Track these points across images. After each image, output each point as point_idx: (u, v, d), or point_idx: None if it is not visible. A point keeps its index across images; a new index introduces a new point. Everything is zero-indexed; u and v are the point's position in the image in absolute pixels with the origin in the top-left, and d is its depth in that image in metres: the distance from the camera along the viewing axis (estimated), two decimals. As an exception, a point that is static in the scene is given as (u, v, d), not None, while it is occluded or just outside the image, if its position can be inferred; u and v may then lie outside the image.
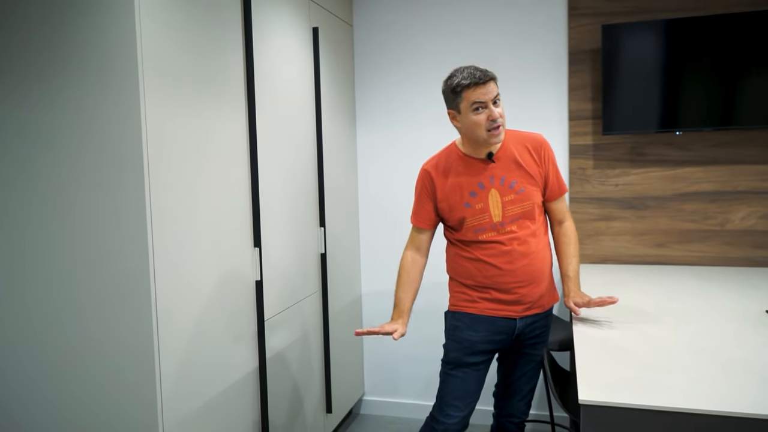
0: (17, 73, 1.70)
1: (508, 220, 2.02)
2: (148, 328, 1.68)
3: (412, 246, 2.19)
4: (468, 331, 2.09)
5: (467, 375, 2.10)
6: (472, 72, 1.92)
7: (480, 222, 2.03)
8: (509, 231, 2.02)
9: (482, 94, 1.91)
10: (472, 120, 1.94)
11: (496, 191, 2.02)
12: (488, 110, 1.92)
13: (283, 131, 2.46)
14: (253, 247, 2.22)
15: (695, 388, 1.45)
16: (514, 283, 2.03)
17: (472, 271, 2.07)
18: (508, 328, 2.07)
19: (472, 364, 2.09)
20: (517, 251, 2.01)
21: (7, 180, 1.74)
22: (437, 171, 2.09)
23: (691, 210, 2.94)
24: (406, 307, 2.14)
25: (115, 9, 1.61)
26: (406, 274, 2.17)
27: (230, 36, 2.07)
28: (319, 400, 2.84)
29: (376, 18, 3.28)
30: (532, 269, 2.03)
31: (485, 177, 2.03)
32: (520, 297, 2.04)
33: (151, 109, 1.67)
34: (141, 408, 1.71)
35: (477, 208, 2.02)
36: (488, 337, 2.08)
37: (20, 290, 1.76)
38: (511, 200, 2.02)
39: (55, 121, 1.69)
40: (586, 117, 3.03)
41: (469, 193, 2.03)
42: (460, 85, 1.93)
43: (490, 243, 2.02)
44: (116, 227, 1.67)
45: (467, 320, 2.09)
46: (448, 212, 2.08)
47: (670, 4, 2.87)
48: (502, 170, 2.03)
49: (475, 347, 2.08)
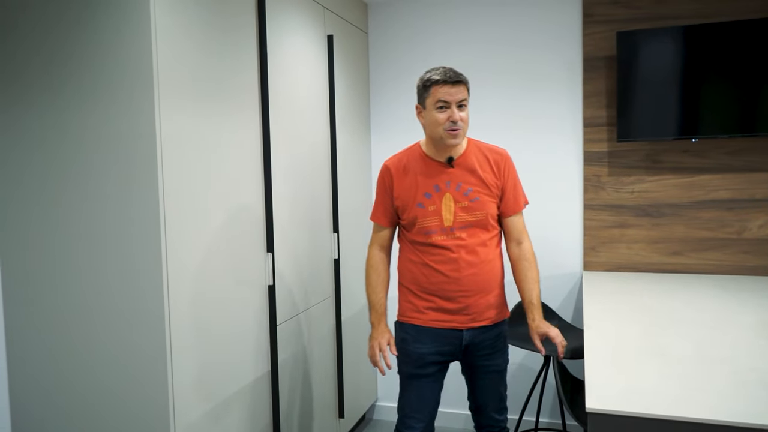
0: (31, 77, 1.75)
1: (458, 226, 2.01)
2: (160, 333, 1.71)
3: (376, 244, 2.19)
4: (415, 344, 2.08)
5: (422, 386, 2.09)
6: (446, 71, 1.94)
7: (430, 224, 2.02)
8: (458, 237, 2.01)
9: (448, 94, 1.93)
10: (433, 117, 1.96)
11: (451, 196, 2.02)
12: (450, 111, 1.93)
13: (297, 137, 2.49)
14: (266, 252, 2.25)
15: (706, 398, 1.44)
16: (458, 292, 2.01)
17: (418, 276, 2.06)
18: (455, 339, 2.06)
19: (424, 375, 2.09)
20: (464, 259, 2.00)
21: (19, 184, 1.79)
22: (397, 168, 2.09)
23: (708, 218, 2.91)
24: (383, 308, 2.15)
25: (129, 15, 1.65)
26: (377, 274, 2.16)
27: (245, 43, 2.10)
28: (331, 404, 2.85)
29: (391, 26, 3.31)
30: (479, 279, 2.02)
31: (442, 180, 2.03)
32: (465, 307, 2.02)
33: (165, 114, 1.70)
34: (153, 412, 1.73)
35: (429, 209, 2.02)
36: (436, 348, 2.06)
37: (34, 296, 1.81)
38: (464, 207, 2.01)
39: (70, 126, 1.73)
40: (601, 124, 3.01)
41: (423, 193, 2.03)
42: (431, 80, 1.95)
43: (438, 248, 2.01)
44: (130, 232, 1.71)
45: (413, 332, 2.08)
46: (402, 210, 2.08)
47: (685, 11, 2.85)
48: (460, 176, 2.03)
49: (423, 359, 2.07)
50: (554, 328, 2.02)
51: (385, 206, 2.13)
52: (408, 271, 2.10)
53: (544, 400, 3.19)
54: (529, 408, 3.23)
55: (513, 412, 3.26)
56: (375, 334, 2.12)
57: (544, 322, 2.04)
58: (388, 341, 2.11)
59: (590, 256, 3.08)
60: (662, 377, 1.58)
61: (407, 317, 2.11)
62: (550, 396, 3.19)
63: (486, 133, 3.19)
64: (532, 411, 3.23)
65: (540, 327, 2.02)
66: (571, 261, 3.12)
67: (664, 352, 1.78)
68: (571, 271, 3.12)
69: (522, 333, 2.52)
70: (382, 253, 2.19)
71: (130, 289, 1.72)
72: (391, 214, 2.13)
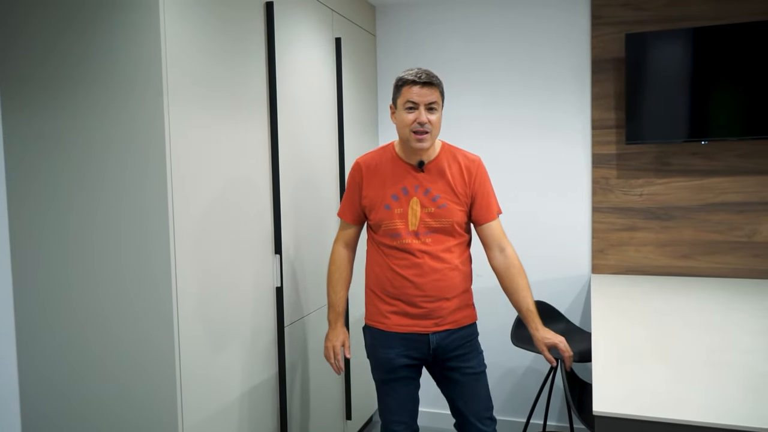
0: (43, 80, 1.77)
1: (423, 231, 1.98)
2: (169, 334, 1.72)
3: (341, 241, 2.17)
4: (383, 349, 2.06)
5: (397, 390, 2.08)
6: (419, 72, 1.92)
7: (396, 227, 2.00)
8: (423, 242, 1.98)
9: (418, 95, 1.91)
10: (402, 117, 1.94)
11: (418, 200, 1.99)
12: (418, 112, 1.91)
13: (305, 140, 2.50)
14: (274, 253, 2.26)
15: (714, 403, 1.43)
16: (421, 297, 1.99)
17: (383, 280, 2.04)
18: (422, 344, 2.03)
19: (397, 379, 2.07)
20: (428, 265, 1.98)
21: (31, 184, 1.81)
22: (368, 167, 2.07)
23: (718, 221, 2.89)
24: (342, 308, 2.15)
25: (140, 20, 1.66)
26: (338, 273, 2.15)
27: (253, 46, 2.12)
28: (339, 406, 2.85)
29: (399, 28, 3.31)
30: (442, 285, 1.99)
31: (411, 184, 2.00)
32: (428, 312, 2.00)
33: (174, 118, 1.72)
34: (161, 413, 1.74)
35: (396, 212, 2.00)
36: (404, 352, 2.04)
37: (44, 297, 1.82)
38: (430, 213, 1.98)
39: (81, 129, 1.74)
40: (610, 126, 3.00)
41: (391, 195, 2.01)
42: (403, 79, 1.94)
43: (402, 252, 2.00)
44: (140, 233, 1.72)
45: (380, 337, 2.07)
46: (369, 210, 2.06)
47: (694, 12, 2.84)
48: (429, 181, 2.00)
49: (392, 363, 2.05)
50: (559, 336, 2.00)
51: (353, 204, 2.11)
52: (373, 274, 2.08)
53: (552, 403, 3.18)
54: (537, 411, 3.22)
55: (520, 415, 3.25)
56: (331, 335, 2.14)
57: (548, 331, 2.01)
58: (343, 343, 2.14)
59: (599, 259, 3.06)
60: (671, 381, 1.57)
61: (373, 321, 2.09)
62: (558, 399, 3.17)
63: (493, 136, 3.19)
64: (540, 414, 3.22)
65: (546, 337, 1.99)
66: (579, 264, 3.11)
67: (673, 355, 1.77)
68: (579, 273, 3.11)
69: (528, 336, 2.51)
70: (346, 250, 2.17)
71: (139, 289, 1.73)
72: (358, 212, 2.11)
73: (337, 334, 2.14)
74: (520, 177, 3.17)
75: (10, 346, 1.86)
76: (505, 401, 3.28)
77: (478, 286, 3.19)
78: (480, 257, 2.26)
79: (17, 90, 1.80)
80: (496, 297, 3.19)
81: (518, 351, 3.23)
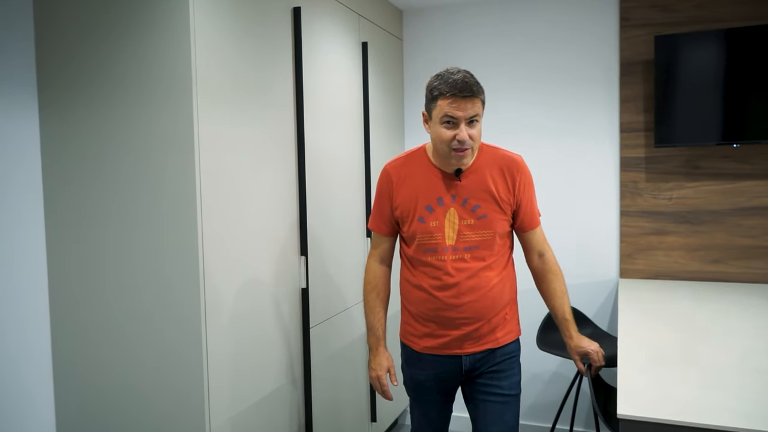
0: (83, 83, 1.83)
1: (461, 246, 1.79)
2: (197, 334, 1.76)
3: (376, 257, 1.98)
4: (413, 369, 1.94)
5: (426, 409, 1.97)
6: (455, 81, 1.68)
7: (431, 242, 1.81)
8: (461, 259, 1.79)
9: (456, 110, 1.68)
10: (438, 132, 1.73)
11: (455, 212, 1.80)
12: (458, 129, 1.69)
13: (331, 143, 2.53)
14: (300, 255, 2.29)
15: (743, 407, 1.40)
16: (460, 320, 1.81)
17: (416, 301, 1.87)
18: (454, 365, 1.87)
19: (428, 400, 1.95)
20: (465, 285, 1.79)
21: (69, 183, 1.87)
22: (398, 173, 1.87)
23: (751, 225, 2.83)
24: (382, 330, 1.96)
25: (171, 22, 1.71)
26: (375, 293, 1.97)
27: (281, 50, 2.15)
28: (364, 408, 2.86)
29: (426, 32, 3.33)
30: (481, 306, 1.81)
31: (447, 194, 1.80)
32: (466, 334, 1.83)
33: (204, 119, 1.76)
34: (189, 411, 1.78)
35: (431, 225, 1.80)
36: (434, 373, 1.90)
37: (78, 294, 1.88)
38: (470, 225, 1.79)
39: (114, 130, 1.80)
40: (638, 129, 2.97)
41: (425, 206, 1.81)
42: (438, 89, 1.71)
43: (437, 271, 1.81)
44: (169, 233, 1.76)
45: (413, 358, 1.93)
46: (401, 221, 1.87)
47: (725, 14, 2.79)
48: (468, 190, 1.80)
49: (422, 386, 1.93)
50: (594, 343, 1.92)
51: (384, 214, 1.91)
52: (407, 291, 1.91)
53: (578, 409, 3.14)
54: (563, 416, 3.18)
55: (546, 421, 3.22)
56: (374, 363, 1.95)
57: (582, 339, 1.92)
58: (388, 369, 1.95)
59: (627, 264, 3.02)
60: (698, 386, 1.55)
61: (406, 339, 1.96)
62: (585, 404, 3.14)
63: (521, 138, 3.18)
64: (566, 420, 3.18)
65: (580, 346, 1.90)
66: (607, 268, 3.07)
67: (701, 360, 1.74)
68: (607, 278, 3.08)
69: (555, 340, 2.49)
70: (382, 266, 1.98)
71: (169, 291, 1.78)
72: (390, 223, 1.92)
73: (380, 362, 1.94)
74: (549, 180, 3.15)
75: (45, 342, 1.92)
76: (530, 406, 3.26)
77: (503, 289, 3.17)
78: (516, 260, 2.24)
79: (54, 91, 1.86)
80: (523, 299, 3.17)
81: (544, 356, 3.20)
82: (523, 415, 3.26)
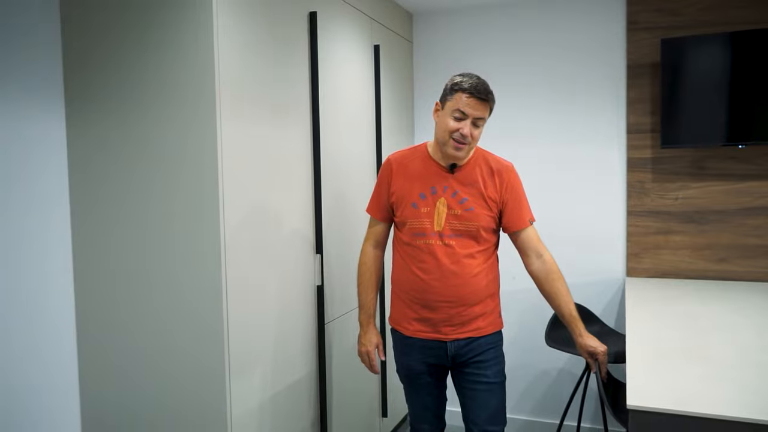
0: (112, 89, 1.90)
1: (447, 233, 1.96)
2: (219, 331, 1.82)
3: (371, 240, 2.16)
4: (401, 356, 2.10)
5: (419, 393, 2.11)
6: (478, 84, 1.90)
7: (421, 226, 1.98)
8: (447, 245, 1.96)
9: (470, 107, 1.89)
10: (446, 122, 1.92)
11: (445, 201, 1.97)
12: (464, 123, 1.89)
13: (345, 143, 2.59)
14: (315, 253, 2.35)
15: (748, 399, 1.46)
16: (441, 302, 1.97)
17: (405, 283, 2.03)
18: (440, 350, 2.02)
19: (419, 385, 2.10)
20: (448, 269, 1.95)
21: (96, 193, 1.94)
22: (399, 163, 2.07)
23: (756, 225, 2.88)
24: (373, 309, 2.15)
25: (196, 31, 1.78)
26: (369, 273, 2.15)
27: (298, 53, 2.21)
28: (375, 403, 2.92)
29: (436, 35, 3.39)
30: (464, 291, 1.96)
31: (440, 184, 1.99)
32: (448, 318, 1.98)
33: (226, 125, 1.82)
34: (212, 401, 1.85)
35: (422, 211, 1.98)
36: (422, 359, 2.05)
37: (106, 299, 1.95)
38: (457, 215, 1.96)
39: (141, 138, 1.87)
40: (645, 130, 3.02)
41: (419, 194, 2.00)
42: (460, 85, 1.90)
43: (424, 254, 1.97)
44: (192, 235, 1.83)
45: (401, 344, 2.09)
46: (396, 206, 2.05)
47: (731, 17, 2.84)
48: (459, 184, 1.99)
49: (413, 371, 2.08)
50: (603, 346, 1.98)
51: (381, 200, 2.10)
52: (397, 276, 2.08)
53: (586, 405, 3.19)
54: (571, 412, 3.23)
55: (554, 417, 3.28)
56: (363, 339, 2.14)
57: (590, 339, 1.99)
58: (377, 345, 2.14)
59: (634, 263, 3.08)
60: (705, 379, 1.60)
61: (396, 324, 2.11)
62: (592, 400, 3.19)
63: (529, 140, 3.24)
64: (574, 416, 3.24)
65: (588, 344, 1.98)
66: (614, 267, 3.13)
67: (708, 355, 1.80)
68: (614, 276, 3.13)
69: (563, 337, 2.54)
70: (375, 250, 2.16)
71: (192, 288, 1.84)
72: (386, 209, 2.10)
73: (370, 338, 2.14)
74: (556, 180, 3.21)
75: (71, 340, 1.99)
76: (538, 402, 3.31)
77: (512, 287, 3.23)
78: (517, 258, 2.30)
79: (81, 99, 1.93)
80: (531, 297, 3.23)
81: (552, 352, 3.26)
82: (531, 411, 3.32)
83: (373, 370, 2.17)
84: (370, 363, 2.15)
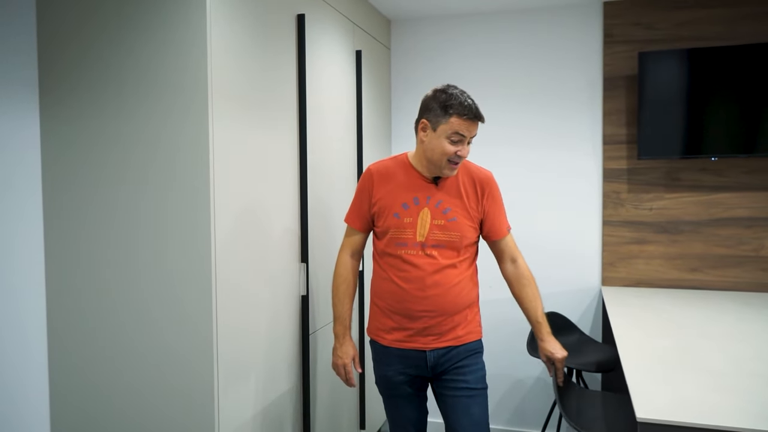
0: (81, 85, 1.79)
1: (430, 243, 1.94)
2: (208, 339, 1.73)
3: (348, 249, 2.12)
4: (381, 366, 2.06)
5: (399, 405, 2.07)
6: (470, 104, 1.86)
7: (402, 236, 1.96)
8: (429, 255, 1.94)
9: (467, 130, 1.88)
10: (442, 145, 1.88)
11: (428, 211, 1.96)
12: (462, 146, 1.89)
13: (330, 148, 2.53)
14: (300, 262, 2.27)
15: (757, 410, 1.47)
16: (422, 312, 1.94)
17: (385, 293, 2.00)
18: (419, 360, 1.98)
19: (398, 396, 2.06)
20: (430, 279, 1.93)
21: (67, 192, 1.82)
22: (380, 174, 2.03)
23: (726, 235, 2.97)
24: (348, 320, 2.10)
25: (190, 36, 1.69)
26: (345, 284, 2.10)
27: (285, 56, 2.15)
28: (354, 415, 2.86)
29: (413, 42, 3.37)
30: (444, 301, 1.94)
31: (423, 195, 1.97)
32: (428, 327, 1.95)
33: (218, 130, 1.74)
34: (200, 412, 1.75)
35: (405, 221, 1.96)
36: (402, 370, 2.01)
37: (80, 299, 1.83)
38: (440, 225, 1.95)
39: (132, 135, 1.76)
40: (621, 142, 3.07)
41: (401, 204, 1.97)
42: (455, 108, 1.86)
43: (406, 264, 1.95)
44: (179, 237, 1.74)
45: (380, 353, 2.05)
46: (378, 216, 2.02)
47: (705, 33, 2.93)
48: (442, 194, 1.97)
49: (392, 381, 2.04)
50: (563, 352, 2.01)
51: (361, 210, 2.06)
52: (376, 287, 2.04)
53: (562, 414, 3.21)
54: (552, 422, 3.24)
55: (535, 426, 3.28)
56: (339, 351, 2.08)
57: (552, 344, 2.03)
58: (353, 357, 2.09)
59: (609, 272, 3.12)
60: (706, 389, 1.61)
61: (374, 335, 2.07)
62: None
63: (506, 150, 3.25)
64: (555, 425, 3.25)
65: (547, 349, 2.02)
66: (590, 276, 3.16)
67: (701, 365, 1.82)
68: (589, 285, 3.17)
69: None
70: (352, 260, 2.12)
71: (181, 293, 1.75)
72: (365, 219, 2.06)
73: (346, 350, 2.08)
74: (533, 190, 3.23)
75: (41, 340, 1.86)
76: (520, 412, 3.31)
77: (494, 296, 3.23)
78: (493, 268, 2.29)
79: (57, 91, 1.81)
80: (508, 306, 3.23)
81: (532, 360, 3.27)
82: (512, 421, 3.31)
83: (350, 383, 2.10)
84: (347, 376, 2.09)
